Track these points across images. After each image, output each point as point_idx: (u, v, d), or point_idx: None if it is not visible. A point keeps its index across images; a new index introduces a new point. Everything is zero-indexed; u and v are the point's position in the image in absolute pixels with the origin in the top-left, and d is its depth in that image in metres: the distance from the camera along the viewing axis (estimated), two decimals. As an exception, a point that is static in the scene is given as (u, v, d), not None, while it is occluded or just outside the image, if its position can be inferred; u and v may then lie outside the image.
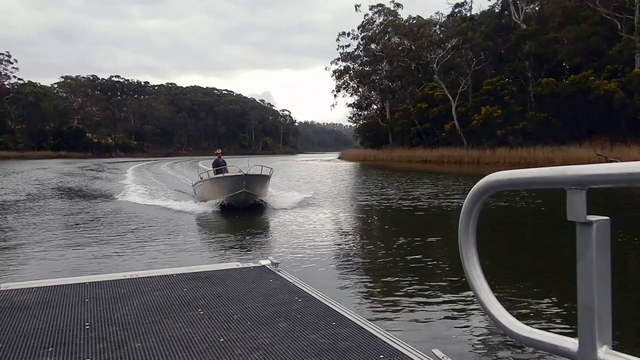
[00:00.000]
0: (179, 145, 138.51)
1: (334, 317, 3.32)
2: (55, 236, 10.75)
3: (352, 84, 73.27)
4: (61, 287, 4.10)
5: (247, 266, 4.89)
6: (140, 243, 9.93)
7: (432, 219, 13.68)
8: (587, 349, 0.98)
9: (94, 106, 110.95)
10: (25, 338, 2.99)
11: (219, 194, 14.94)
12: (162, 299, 3.76)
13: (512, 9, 49.69)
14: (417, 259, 8.30)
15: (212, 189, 15.40)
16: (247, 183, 14.43)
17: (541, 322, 5.30)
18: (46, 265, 8.13)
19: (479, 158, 44.22)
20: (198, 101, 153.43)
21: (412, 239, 10.12)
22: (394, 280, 7.17)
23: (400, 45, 63.71)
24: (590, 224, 0.97)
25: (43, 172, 38.44)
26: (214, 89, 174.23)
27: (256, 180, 15.10)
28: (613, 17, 39.65)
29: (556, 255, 8.94)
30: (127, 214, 14.36)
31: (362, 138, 78.16)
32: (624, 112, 36.93)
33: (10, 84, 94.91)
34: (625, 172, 0.90)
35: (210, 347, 2.80)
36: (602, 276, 0.97)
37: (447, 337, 4.94)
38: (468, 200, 1.24)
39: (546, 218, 13.01)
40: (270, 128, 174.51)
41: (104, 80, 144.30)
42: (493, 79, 47.68)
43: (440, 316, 5.59)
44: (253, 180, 14.85)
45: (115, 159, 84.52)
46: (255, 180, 14.99)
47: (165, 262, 8.02)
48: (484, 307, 1.20)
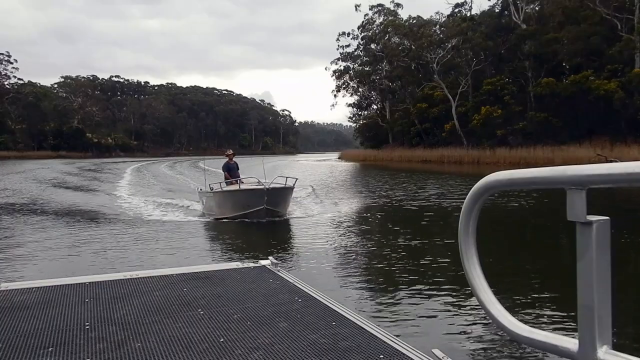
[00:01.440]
0: (179, 145, 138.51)
1: (334, 317, 3.32)
2: (55, 237, 10.75)
3: (352, 84, 73.30)
4: (61, 287, 4.10)
5: (247, 266, 4.89)
6: (140, 243, 9.93)
7: (438, 218, 13.68)
8: (587, 349, 0.98)
9: (94, 106, 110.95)
10: (25, 338, 2.99)
11: (233, 209, 12.65)
12: (162, 299, 3.76)
13: (512, 9, 49.68)
14: (418, 259, 8.30)
15: (225, 203, 12.94)
16: (268, 198, 12.14)
17: (541, 322, 5.30)
18: (46, 265, 8.13)
19: (479, 158, 44.22)
20: (198, 101, 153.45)
21: (413, 239, 10.12)
22: (394, 280, 7.17)
23: (400, 45, 63.72)
24: (590, 224, 0.97)
25: (45, 171, 38.44)
26: (214, 89, 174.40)
27: (279, 193, 12.66)
28: (613, 17, 39.65)
29: (556, 255, 8.94)
30: (127, 214, 14.36)
31: (362, 138, 78.16)
32: (624, 112, 36.93)
33: (10, 84, 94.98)
34: (625, 172, 0.90)
35: (210, 347, 2.80)
36: (602, 276, 0.97)
37: (447, 337, 4.94)
38: (468, 200, 1.24)
39: (546, 218, 13.00)
40: (270, 128, 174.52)
41: (104, 80, 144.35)
42: (493, 79, 47.67)
43: (440, 316, 5.59)
44: (276, 194, 12.45)
45: (115, 158, 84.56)
46: (278, 194, 12.58)
47: (165, 262, 8.02)
48: (484, 307, 1.20)
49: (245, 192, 12.57)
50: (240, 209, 12.47)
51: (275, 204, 12.51)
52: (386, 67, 65.87)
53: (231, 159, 14.46)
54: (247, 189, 12.69)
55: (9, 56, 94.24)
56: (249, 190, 12.54)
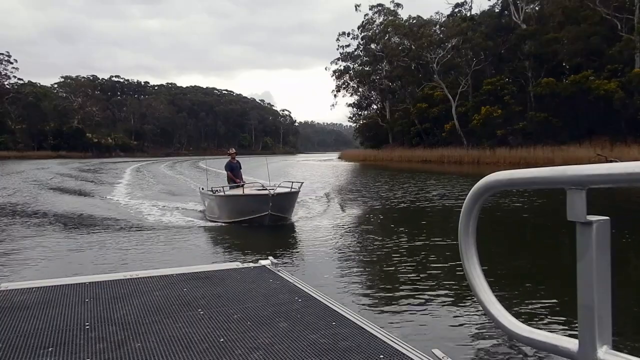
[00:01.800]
0: (179, 145, 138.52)
1: (334, 317, 3.32)
2: (53, 238, 10.75)
3: (352, 84, 73.35)
4: (61, 287, 4.10)
5: (247, 266, 4.89)
6: (140, 243, 9.92)
7: (438, 219, 13.68)
8: (587, 349, 0.98)
9: (94, 106, 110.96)
10: (25, 338, 2.99)
11: (236, 214, 12.17)
12: (162, 299, 3.76)
13: (512, 9, 49.69)
14: (418, 259, 8.30)
15: (228, 207, 12.42)
16: (273, 204, 11.60)
17: (541, 322, 5.30)
18: (45, 264, 8.13)
19: (479, 158, 44.23)
20: (198, 101, 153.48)
21: (413, 240, 10.12)
22: (394, 280, 7.17)
23: (400, 45, 63.74)
24: (590, 224, 0.97)
25: (42, 172, 38.45)
26: (214, 89, 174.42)
27: (285, 199, 12.10)
28: (613, 17, 39.65)
29: (556, 255, 8.94)
30: (127, 215, 14.36)
31: (362, 138, 78.19)
32: (624, 112, 36.93)
33: (10, 84, 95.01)
34: (625, 172, 0.90)
35: (210, 347, 2.80)
36: (602, 276, 0.97)
37: (447, 337, 4.94)
38: (468, 200, 1.24)
39: (546, 218, 13.00)
40: (270, 128, 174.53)
41: (104, 80, 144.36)
42: (493, 79, 47.69)
43: (440, 316, 5.59)
44: (281, 199, 11.88)
45: (115, 158, 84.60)
46: (283, 199, 12.01)
47: (165, 262, 8.02)
48: (484, 307, 1.20)
49: (249, 198, 12.04)
50: (243, 214, 12.02)
51: (281, 210, 11.94)
52: (386, 67, 65.90)
53: (234, 157, 14.16)
54: (251, 194, 12.13)
55: (9, 56, 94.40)
56: (253, 196, 11.99)
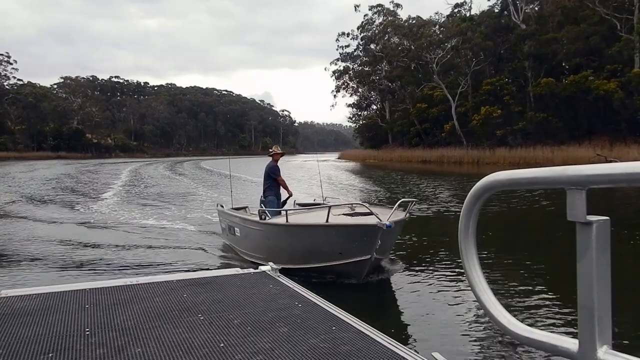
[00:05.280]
0: (179, 146, 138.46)
1: (334, 322, 3.33)
2: (54, 240, 10.74)
3: (352, 84, 73.35)
4: (61, 294, 4.10)
5: (247, 272, 4.89)
6: (140, 248, 9.89)
7: (438, 218, 13.67)
8: (587, 349, 0.98)
9: (94, 107, 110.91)
10: (26, 344, 3.00)
11: (312, 256, 7.04)
12: (162, 305, 3.76)
13: (511, 9, 49.68)
14: (417, 261, 8.30)
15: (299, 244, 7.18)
16: (383, 242, 6.56)
17: (541, 322, 5.31)
18: (45, 270, 8.13)
19: (479, 158, 44.21)
20: (198, 101, 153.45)
21: (412, 239, 10.12)
22: (393, 282, 7.17)
23: (400, 46, 63.75)
24: (590, 224, 0.97)
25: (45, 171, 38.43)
26: (213, 89, 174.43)
27: (395, 231, 7.06)
28: (612, 17, 39.65)
29: (556, 255, 8.94)
30: (126, 218, 14.35)
31: (362, 138, 78.20)
32: (624, 112, 36.93)
33: (9, 85, 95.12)
34: (625, 172, 0.90)
35: (211, 352, 2.81)
36: (602, 276, 0.97)
37: (447, 339, 4.94)
38: (468, 200, 1.24)
39: (546, 218, 13.01)
40: (270, 128, 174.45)
41: (104, 81, 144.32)
42: (493, 79, 47.70)
43: (440, 318, 5.60)
44: (391, 232, 6.74)
45: (115, 159, 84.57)
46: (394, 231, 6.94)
47: (165, 268, 8.01)
48: (484, 307, 1.20)
49: (346, 230, 6.76)
50: (323, 257, 6.94)
51: (384, 250, 7.00)
52: (386, 67, 65.90)
53: (277, 160, 9.15)
54: (347, 224, 6.81)
55: (8, 57, 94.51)
56: (354, 227, 6.72)
